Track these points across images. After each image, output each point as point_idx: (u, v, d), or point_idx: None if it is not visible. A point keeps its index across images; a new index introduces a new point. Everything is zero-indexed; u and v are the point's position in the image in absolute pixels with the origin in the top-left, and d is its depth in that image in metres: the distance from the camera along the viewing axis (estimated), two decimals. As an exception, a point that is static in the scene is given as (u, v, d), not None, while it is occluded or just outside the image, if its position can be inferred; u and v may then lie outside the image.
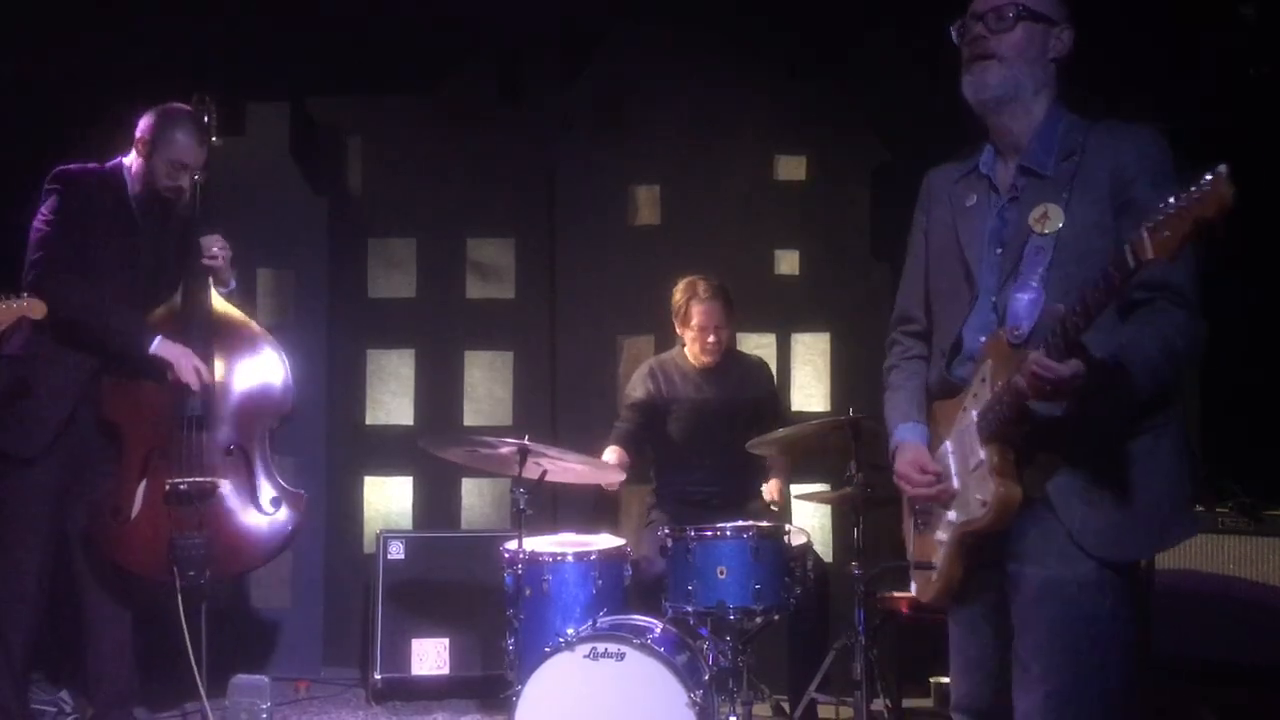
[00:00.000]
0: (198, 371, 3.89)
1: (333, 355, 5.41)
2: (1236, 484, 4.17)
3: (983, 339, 2.45)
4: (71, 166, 3.99)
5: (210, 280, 4.05)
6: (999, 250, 2.47)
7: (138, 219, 4.02)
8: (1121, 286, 2.10)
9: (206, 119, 4.07)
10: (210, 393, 3.96)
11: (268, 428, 4.11)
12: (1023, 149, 2.50)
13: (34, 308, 3.47)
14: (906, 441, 2.61)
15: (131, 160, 4.04)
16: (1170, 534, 2.43)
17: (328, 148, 5.55)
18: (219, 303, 4.09)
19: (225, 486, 3.95)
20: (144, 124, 4.01)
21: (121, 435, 3.93)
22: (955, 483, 2.48)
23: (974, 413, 2.41)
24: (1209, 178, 1.97)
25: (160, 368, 3.89)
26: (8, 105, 4.59)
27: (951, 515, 2.49)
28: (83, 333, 3.86)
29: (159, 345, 3.89)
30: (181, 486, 3.86)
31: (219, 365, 4.01)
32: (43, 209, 3.93)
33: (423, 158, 5.50)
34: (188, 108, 4.04)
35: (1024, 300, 2.35)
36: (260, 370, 4.10)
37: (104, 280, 3.92)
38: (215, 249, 4.01)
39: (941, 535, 2.52)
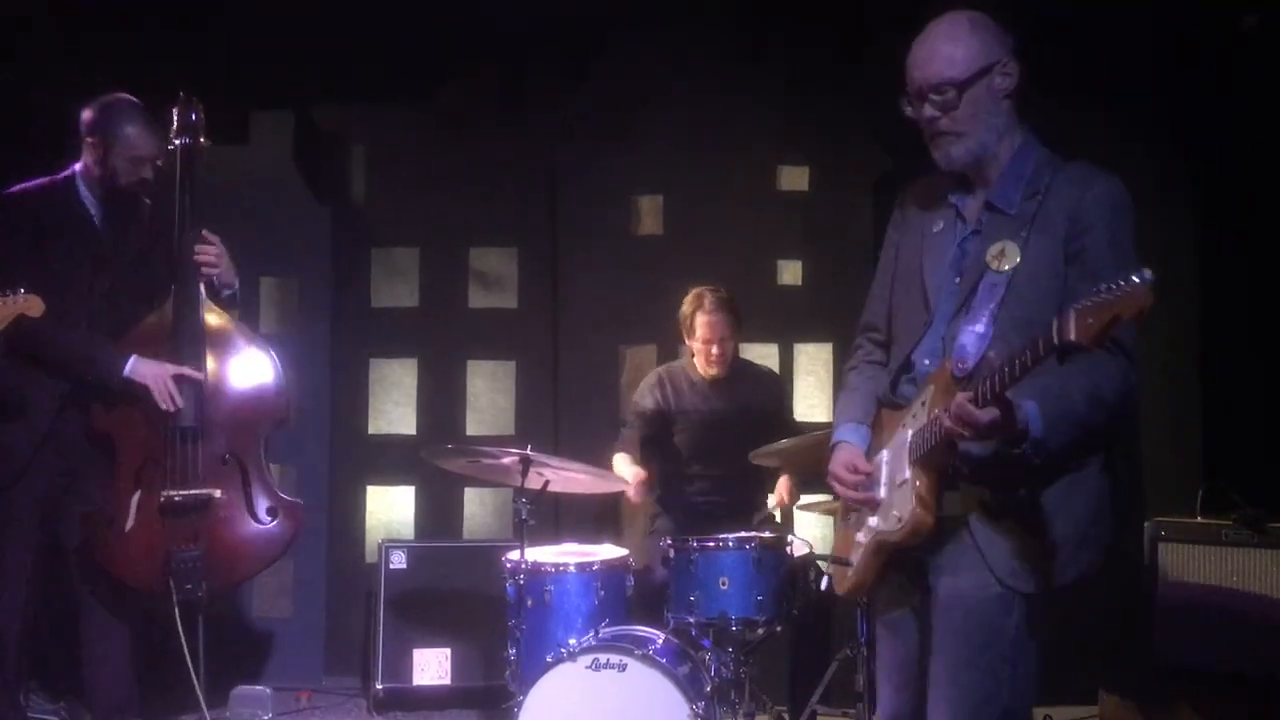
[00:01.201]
0: (172, 396, 3.81)
1: (335, 364, 5.41)
2: (1240, 496, 4.17)
3: (927, 363, 2.55)
4: (14, 189, 3.91)
5: (202, 286, 3.95)
6: (957, 279, 2.54)
7: (98, 225, 3.95)
8: (1045, 357, 2.18)
9: (194, 117, 3.98)
10: (203, 403, 3.89)
11: (264, 435, 4.05)
12: (991, 184, 2.55)
13: (32, 304, 3.43)
14: (844, 441, 2.71)
15: (84, 163, 3.94)
16: (1066, 571, 2.46)
17: (331, 156, 5.55)
18: (213, 312, 4.01)
19: (221, 497, 3.88)
20: (88, 123, 3.90)
21: (114, 446, 3.88)
22: (882, 491, 2.58)
23: (910, 432, 2.50)
24: (1135, 280, 2.03)
25: (137, 391, 3.82)
26: (8, 113, 4.59)
27: (873, 521, 2.59)
28: (53, 368, 3.81)
29: (133, 367, 3.82)
30: (176, 498, 3.81)
31: (212, 373, 3.93)
32: None
33: (425, 167, 5.49)
34: (130, 97, 3.93)
35: (972, 335, 2.43)
36: (254, 377, 4.02)
37: (71, 299, 3.82)
38: (208, 251, 3.93)
39: (861, 538, 2.63)
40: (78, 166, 3.97)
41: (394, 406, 5.52)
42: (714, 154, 5.40)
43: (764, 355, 5.26)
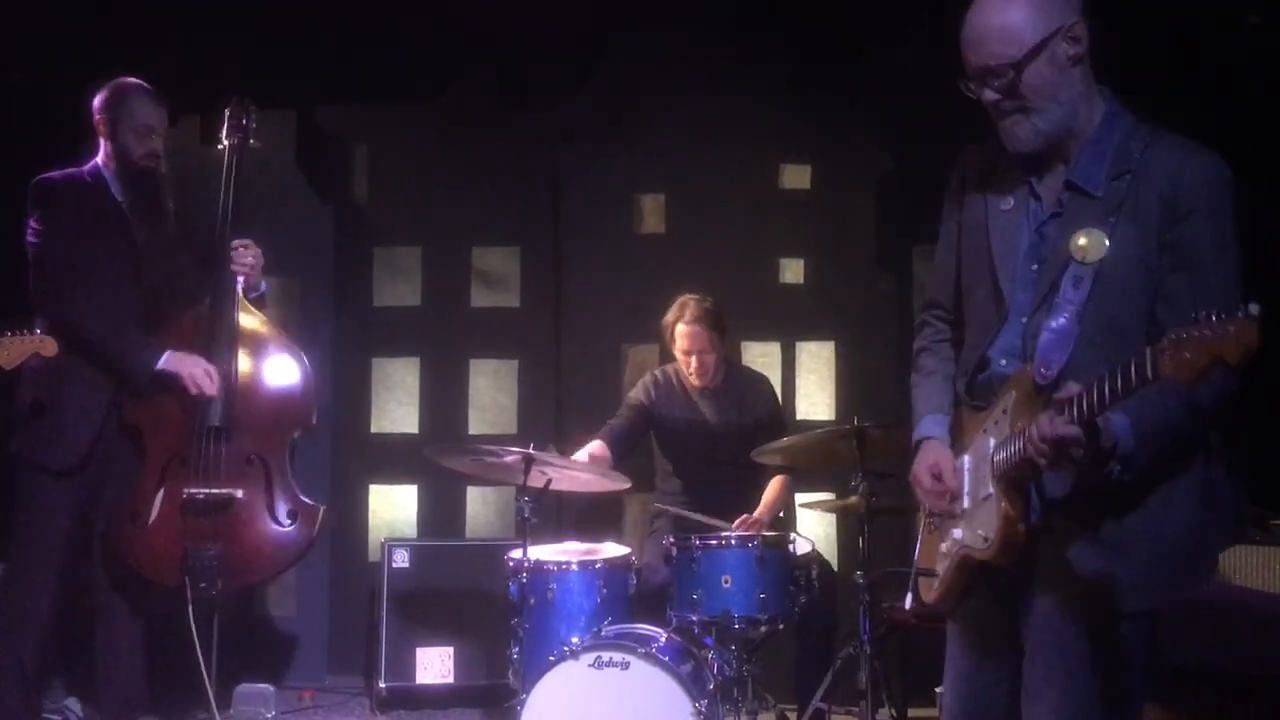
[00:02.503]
0: (208, 374, 3.88)
1: (338, 364, 5.42)
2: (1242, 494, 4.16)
3: (1004, 363, 2.35)
4: (48, 175, 3.98)
5: (238, 286, 4.04)
6: (1035, 267, 2.32)
7: (127, 211, 4.01)
8: (1137, 389, 2.00)
9: (245, 120, 4.10)
10: (231, 402, 3.95)
11: (289, 439, 4.10)
12: (1070, 159, 2.31)
13: (46, 345, 3.51)
14: (931, 438, 2.49)
15: (102, 149, 4.02)
16: (1180, 584, 2.31)
17: (333, 156, 5.56)
18: (248, 312, 4.08)
19: (242, 497, 3.92)
20: (97, 103, 4.01)
21: (143, 440, 3.94)
22: (966, 501, 2.39)
23: (992, 441, 2.31)
24: (1239, 316, 1.86)
25: (171, 383, 3.88)
26: (16, 116, 4.60)
27: (957, 533, 2.41)
28: (90, 356, 3.87)
29: (166, 360, 3.88)
30: (199, 496, 3.85)
31: (243, 374, 4.00)
32: (31, 224, 3.92)
33: (428, 167, 5.51)
34: (134, 79, 4.03)
35: (1056, 335, 2.21)
36: (285, 381, 4.09)
37: (108, 286, 3.91)
38: (246, 254, 4.03)
39: (945, 548, 2.47)
40: (99, 159, 4.04)
41: (396, 405, 5.52)
42: (715, 153, 5.41)
43: (766, 353, 5.27)
